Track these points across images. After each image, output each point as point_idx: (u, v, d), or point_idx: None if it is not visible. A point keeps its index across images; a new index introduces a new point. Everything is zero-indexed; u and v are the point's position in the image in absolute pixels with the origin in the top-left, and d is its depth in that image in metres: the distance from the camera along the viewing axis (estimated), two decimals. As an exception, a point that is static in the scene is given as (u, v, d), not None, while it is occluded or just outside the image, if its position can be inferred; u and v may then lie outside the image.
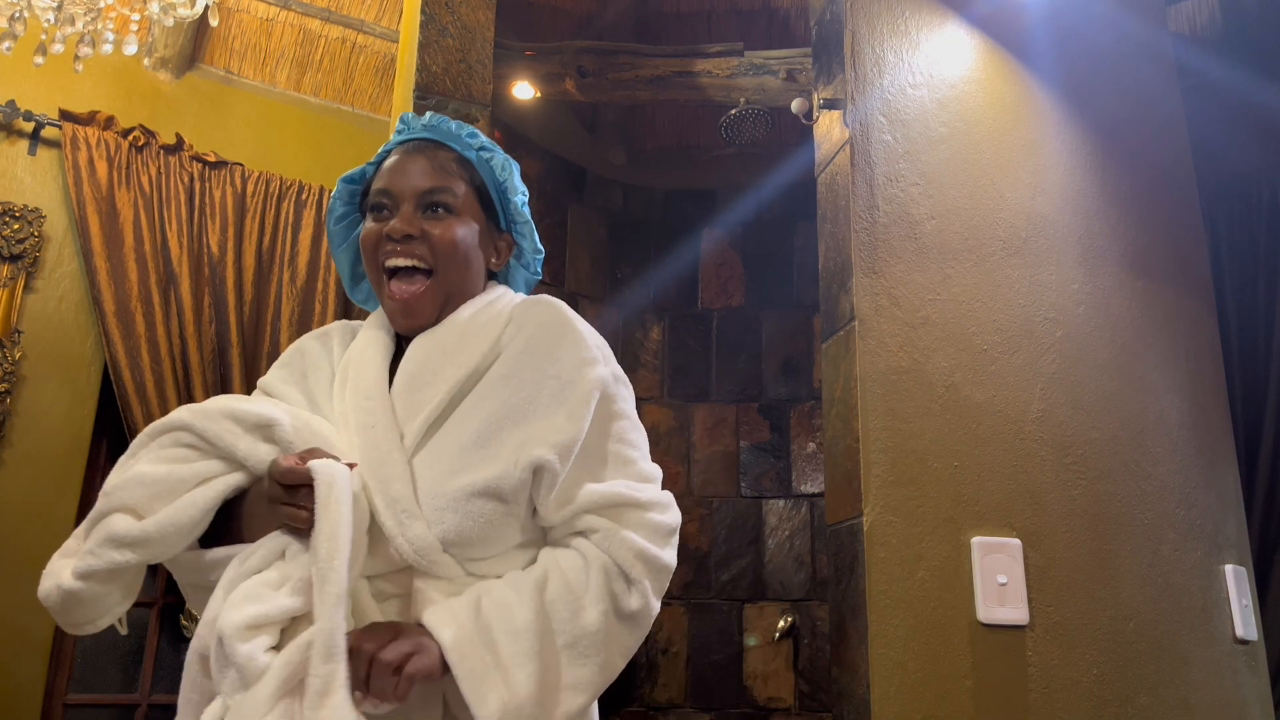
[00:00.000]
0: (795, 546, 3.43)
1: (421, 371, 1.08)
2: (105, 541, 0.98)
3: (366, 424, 1.04)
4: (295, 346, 1.22)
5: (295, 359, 1.20)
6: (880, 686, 1.61)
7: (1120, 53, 2.15)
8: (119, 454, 3.37)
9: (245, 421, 1.02)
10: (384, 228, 1.12)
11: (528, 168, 3.51)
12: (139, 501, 0.99)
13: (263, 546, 0.98)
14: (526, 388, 1.06)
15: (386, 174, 1.15)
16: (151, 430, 1.05)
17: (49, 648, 2.93)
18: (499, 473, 1.00)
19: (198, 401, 3.36)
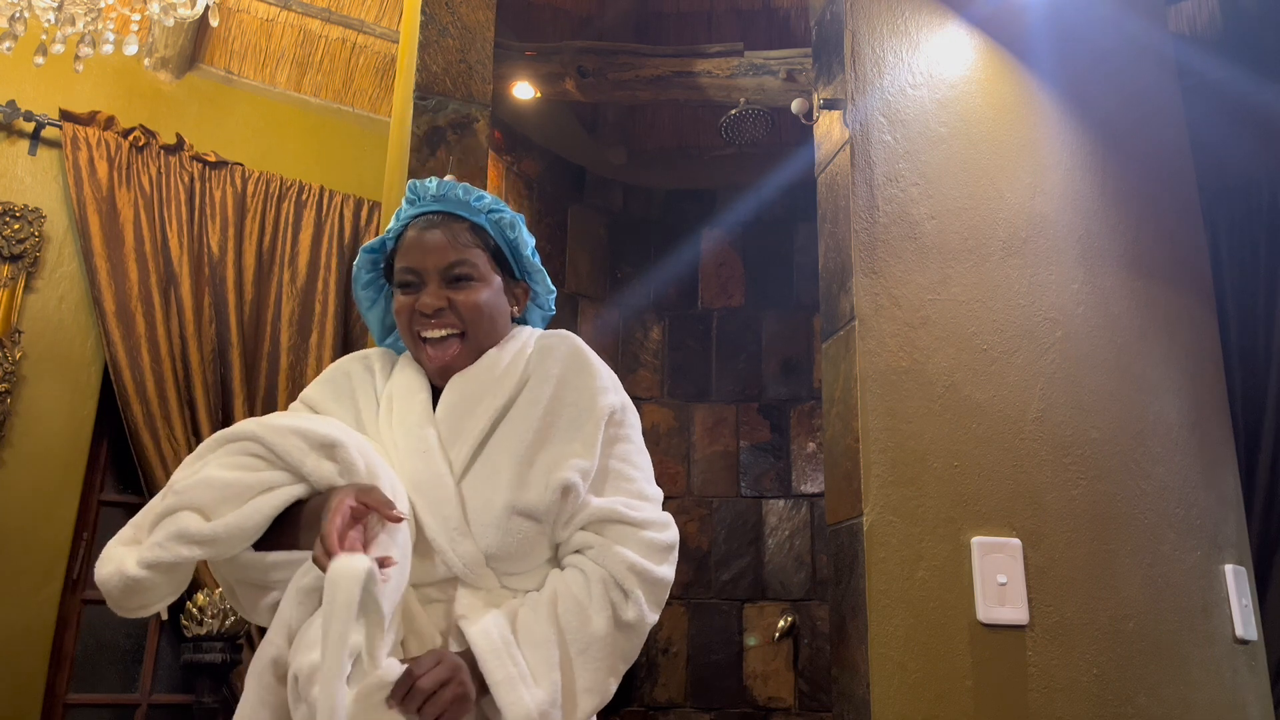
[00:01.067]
0: (795, 546, 3.43)
1: (462, 403, 1.20)
2: (175, 537, 1.05)
3: (418, 450, 1.16)
4: (340, 368, 1.32)
5: (342, 380, 1.29)
6: (880, 686, 1.61)
7: (1120, 53, 2.15)
8: (119, 454, 3.37)
9: (312, 439, 1.10)
10: (414, 302, 1.23)
11: (528, 168, 3.51)
12: (207, 503, 1.06)
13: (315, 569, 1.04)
14: (549, 414, 1.19)
15: (408, 251, 1.25)
16: (220, 437, 1.13)
17: (49, 648, 2.93)
18: (535, 495, 1.13)
19: (198, 401, 3.34)
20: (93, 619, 3.14)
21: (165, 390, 3.12)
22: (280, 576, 1.09)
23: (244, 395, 3.25)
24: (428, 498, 1.12)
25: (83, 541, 3.11)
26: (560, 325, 1.37)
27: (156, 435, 3.08)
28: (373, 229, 3.58)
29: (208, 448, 1.13)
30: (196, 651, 2.77)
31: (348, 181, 3.65)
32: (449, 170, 2.42)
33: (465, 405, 1.20)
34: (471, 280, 1.24)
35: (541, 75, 3.16)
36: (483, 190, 1.30)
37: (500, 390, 1.21)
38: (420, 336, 1.23)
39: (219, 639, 2.78)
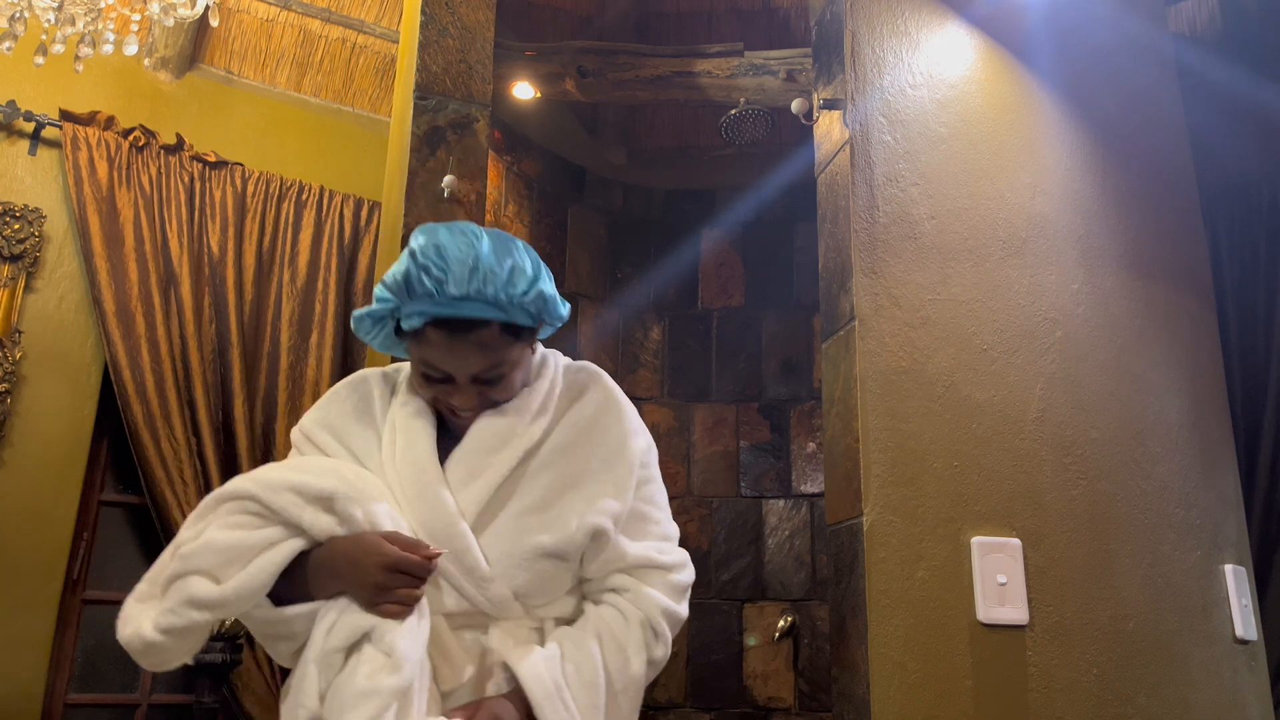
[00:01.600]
0: (795, 546, 3.43)
1: (492, 439, 1.18)
2: (186, 603, 1.08)
3: (422, 495, 1.14)
4: (336, 395, 1.27)
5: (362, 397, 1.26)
6: (880, 686, 1.61)
7: (1120, 53, 2.15)
8: (119, 454, 3.36)
9: (307, 494, 1.11)
10: (445, 395, 1.17)
11: (528, 168, 3.51)
12: (214, 566, 1.09)
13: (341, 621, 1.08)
14: (579, 459, 1.20)
15: (434, 353, 1.14)
16: (218, 496, 1.14)
17: (49, 648, 2.93)
18: (564, 538, 1.14)
19: (198, 401, 3.35)
20: (93, 619, 3.14)
21: (165, 390, 3.12)
22: (301, 628, 1.11)
23: (244, 395, 3.25)
24: (441, 541, 1.12)
25: (83, 541, 3.11)
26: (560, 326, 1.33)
27: (156, 435, 3.08)
28: (373, 229, 3.58)
29: (207, 507, 1.14)
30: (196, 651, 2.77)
31: (348, 181, 3.65)
32: (449, 170, 2.42)
33: (493, 443, 1.17)
34: (504, 375, 1.17)
35: (541, 75, 3.16)
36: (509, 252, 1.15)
37: (530, 433, 1.19)
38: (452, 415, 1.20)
39: (219, 639, 2.79)
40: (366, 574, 1.06)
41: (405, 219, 2.37)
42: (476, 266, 1.10)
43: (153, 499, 3.05)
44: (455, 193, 2.41)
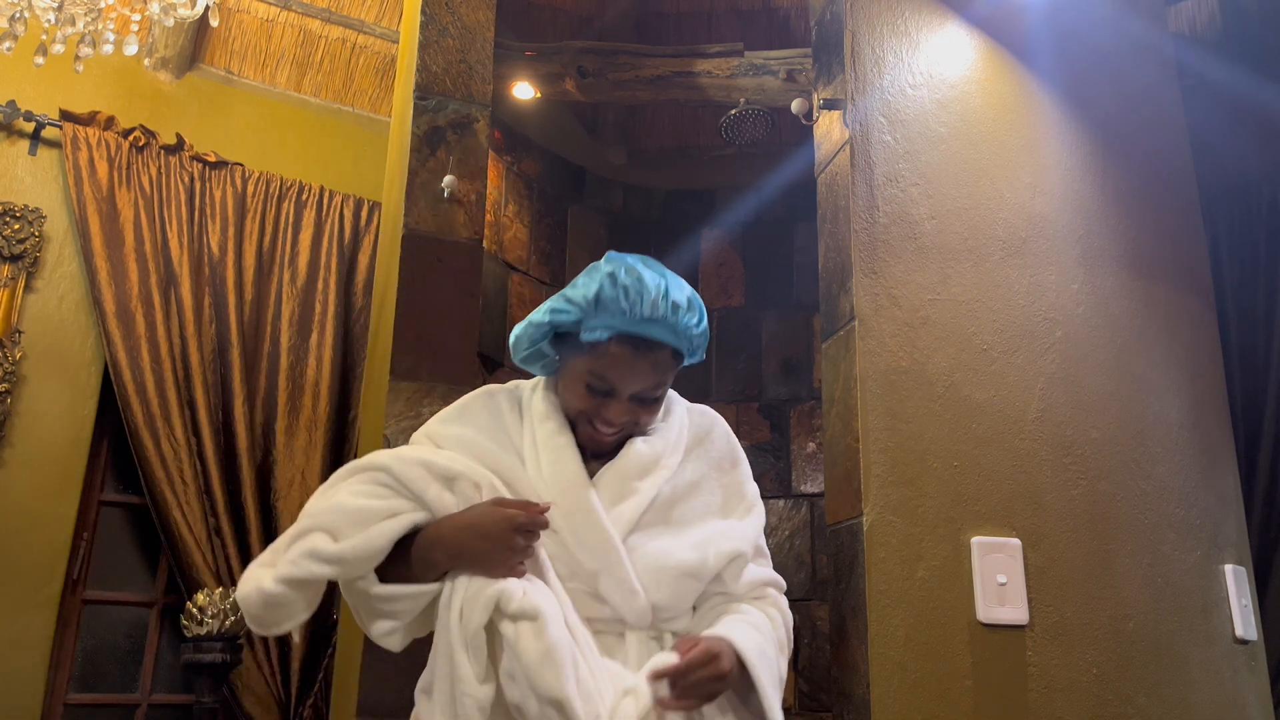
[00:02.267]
0: (795, 546, 3.43)
1: (634, 470, 1.27)
2: (307, 555, 1.13)
3: (576, 509, 1.22)
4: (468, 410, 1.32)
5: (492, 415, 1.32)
6: (880, 686, 1.61)
7: (1120, 53, 2.15)
8: (119, 454, 3.37)
9: (435, 470, 1.18)
10: (602, 408, 1.25)
11: (528, 168, 3.51)
12: (337, 525, 1.15)
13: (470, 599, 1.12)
14: (709, 492, 1.33)
15: (610, 367, 1.23)
16: (353, 467, 1.22)
17: (49, 648, 2.93)
18: (700, 560, 1.24)
19: (198, 401, 3.34)
20: (93, 619, 3.14)
21: (165, 390, 3.12)
22: (405, 608, 1.16)
23: (244, 395, 3.25)
24: (596, 559, 1.20)
25: (83, 541, 3.11)
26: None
27: (157, 435, 3.08)
28: (373, 229, 3.58)
29: (340, 476, 1.21)
30: (196, 651, 2.77)
31: (348, 181, 3.65)
32: (449, 170, 2.42)
33: (641, 468, 1.27)
34: (658, 399, 1.29)
35: (541, 75, 3.16)
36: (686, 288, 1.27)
37: (670, 463, 1.30)
38: (593, 429, 1.27)
39: (219, 639, 2.78)
40: (498, 539, 1.12)
41: (405, 219, 2.37)
42: (667, 294, 1.22)
43: (153, 499, 3.05)
44: (455, 193, 2.41)
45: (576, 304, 1.24)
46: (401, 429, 2.24)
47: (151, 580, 3.27)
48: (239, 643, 2.86)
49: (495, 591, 1.10)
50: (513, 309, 3.32)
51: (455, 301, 2.36)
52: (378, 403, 2.37)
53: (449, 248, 2.39)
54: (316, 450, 3.31)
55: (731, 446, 1.39)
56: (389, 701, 2.07)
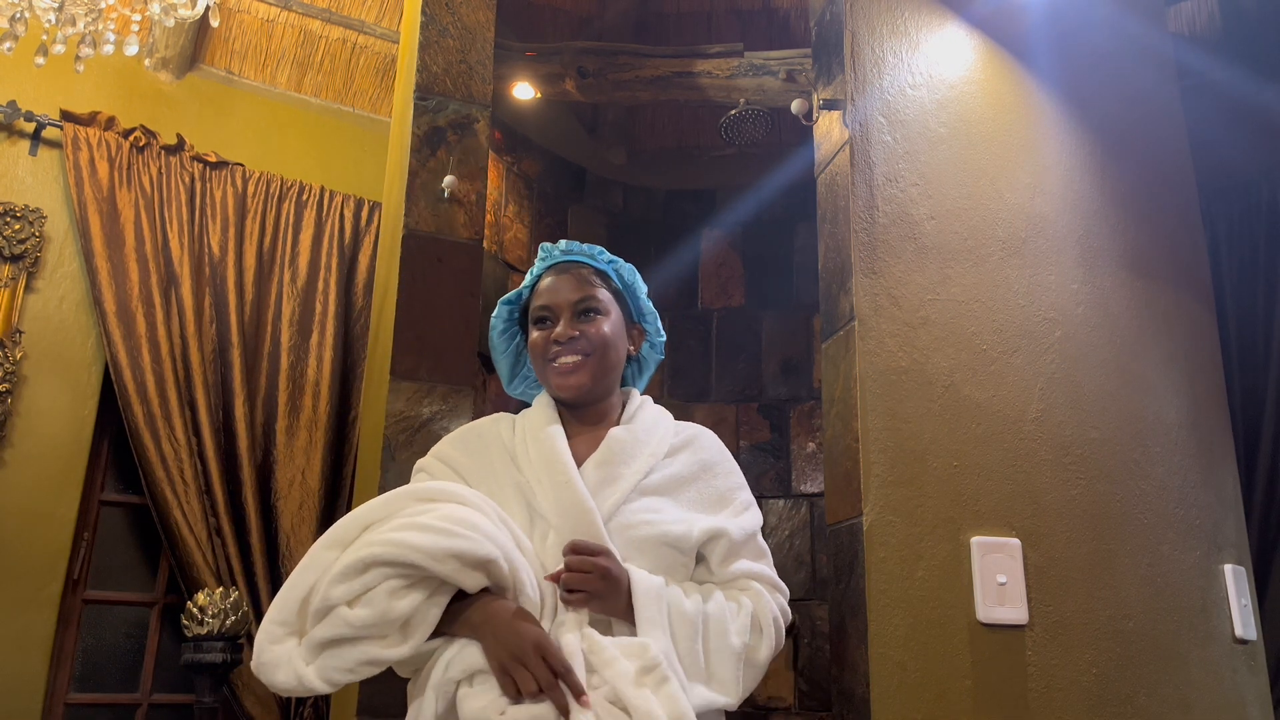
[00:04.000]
0: (795, 546, 3.43)
1: (619, 452, 1.37)
2: (366, 663, 1.16)
3: (563, 482, 1.31)
4: (474, 431, 1.46)
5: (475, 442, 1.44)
6: (880, 686, 1.62)
7: (1120, 53, 2.15)
8: (119, 454, 3.37)
9: (468, 560, 1.19)
10: (550, 334, 1.42)
11: (528, 168, 3.52)
12: (390, 633, 1.17)
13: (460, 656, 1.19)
14: (698, 486, 1.40)
15: (544, 294, 1.45)
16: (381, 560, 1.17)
17: (49, 647, 2.93)
18: (685, 531, 1.32)
19: (198, 401, 3.33)
20: (93, 619, 3.14)
21: (166, 390, 3.12)
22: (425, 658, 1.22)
23: (244, 395, 3.25)
24: (576, 530, 1.27)
25: (83, 541, 3.12)
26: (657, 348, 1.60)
27: (157, 435, 3.08)
28: (373, 229, 3.59)
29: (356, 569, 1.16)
30: (197, 651, 2.77)
31: (348, 182, 3.66)
32: (449, 170, 2.42)
33: (623, 454, 1.37)
34: (597, 314, 1.43)
35: (541, 75, 3.16)
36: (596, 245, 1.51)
37: (653, 452, 1.40)
38: (552, 363, 1.41)
39: (219, 639, 2.79)
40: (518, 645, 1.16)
41: (405, 219, 2.37)
42: (577, 244, 1.50)
43: (153, 499, 3.05)
44: (455, 193, 2.41)
45: (517, 295, 1.52)
46: (401, 429, 2.24)
47: (152, 580, 3.27)
48: (239, 643, 2.86)
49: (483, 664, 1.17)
50: (513, 309, 3.32)
51: (455, 301, 2.36)
52: (378, 403, 2.38)
53: (449, 248, 2.39)
54: (317, 450, 3.31)
55: (724, 454, 1.48)
56: (389, 702, 2.07)
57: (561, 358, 1.41)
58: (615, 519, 1.31)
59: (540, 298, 1.46)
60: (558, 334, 1.41)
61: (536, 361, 1.45)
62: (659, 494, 1.36)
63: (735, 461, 1.49)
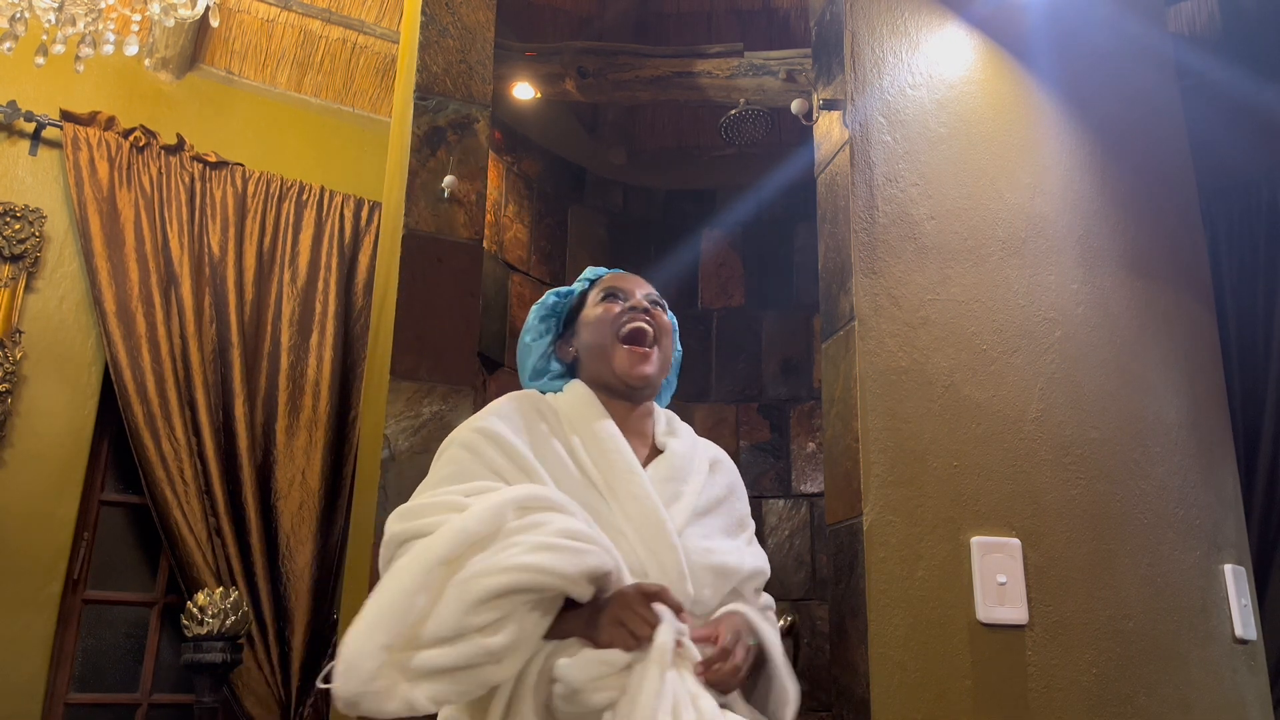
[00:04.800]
0: (795, 546, 3.43)
1: (679, 471, 1.39)
2: (482, 685, 1.12)
3: (633, 495, 1.30)
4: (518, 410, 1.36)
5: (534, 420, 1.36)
6: (880, 686, 1.62)
7: (1120, 53, 2.15)
8: (119, 454, 3.37)
9: (596, 576, 1.18)
10: (624, 304, 1.43)
11: (528, 168, 3.52)
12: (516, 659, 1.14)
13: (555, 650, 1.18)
14: (729, 516, 1.44)
15: (614, 280, 1.50)
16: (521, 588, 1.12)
17: (49, 647, 2.94)
18: (739, 561, 1.36)
19: (198, 401, 3.32)
20: (93, 619, 3.14)
21: (166, 390, 3.12)
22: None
23: (244, 395, 3.25)
24: (648, 546, 1.27)
25: (83, 541, 3.12)
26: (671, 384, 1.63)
27: (157, 435, 3.08)
28: (373, 229, 3.59)
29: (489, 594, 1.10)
30: (197, 651, 2.78)
31: (348, 182, 3.66)
32: (449, 170, 2.42)
33: (680, 474, 1.38)
34: (663, 309, 1.47)
35: (541, 75, 3.16)
36: None
37: (699, 469, 1.42)
38: (624, 334, 1.40)
39: (219, 639, 2.79)
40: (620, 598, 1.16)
41: (405, 219, 2.37)
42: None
43: (153, 499, 3.05)
44: (455, 193, 2.41)
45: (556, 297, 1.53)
46: (401, 429, 2.24)
47: (152, 580, 3.27)
48: (239, 642, 2.86)
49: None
50: (513, 309, 3.32)
51: (455, 301, 2.36)
52: (378, 402, 2.37)
53: (449, 248, 2.39)
54: (317, 450, 3.31)
55: (738, 477, 1.52)
56: (389, 701, 2.07)
57: (638, 322, 1.40)
58: (684, 539, 1.31)
59: (608, 282, 1.48)
60: (636, 301, 1.43)
61: (600, 337, 1.42)
62: (707, 514, 1.37)
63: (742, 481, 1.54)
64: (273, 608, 3.13)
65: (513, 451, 1.27)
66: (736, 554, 1.36)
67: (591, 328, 1.44)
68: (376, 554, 2.19)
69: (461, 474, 1.26)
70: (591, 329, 1.43)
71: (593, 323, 1.44)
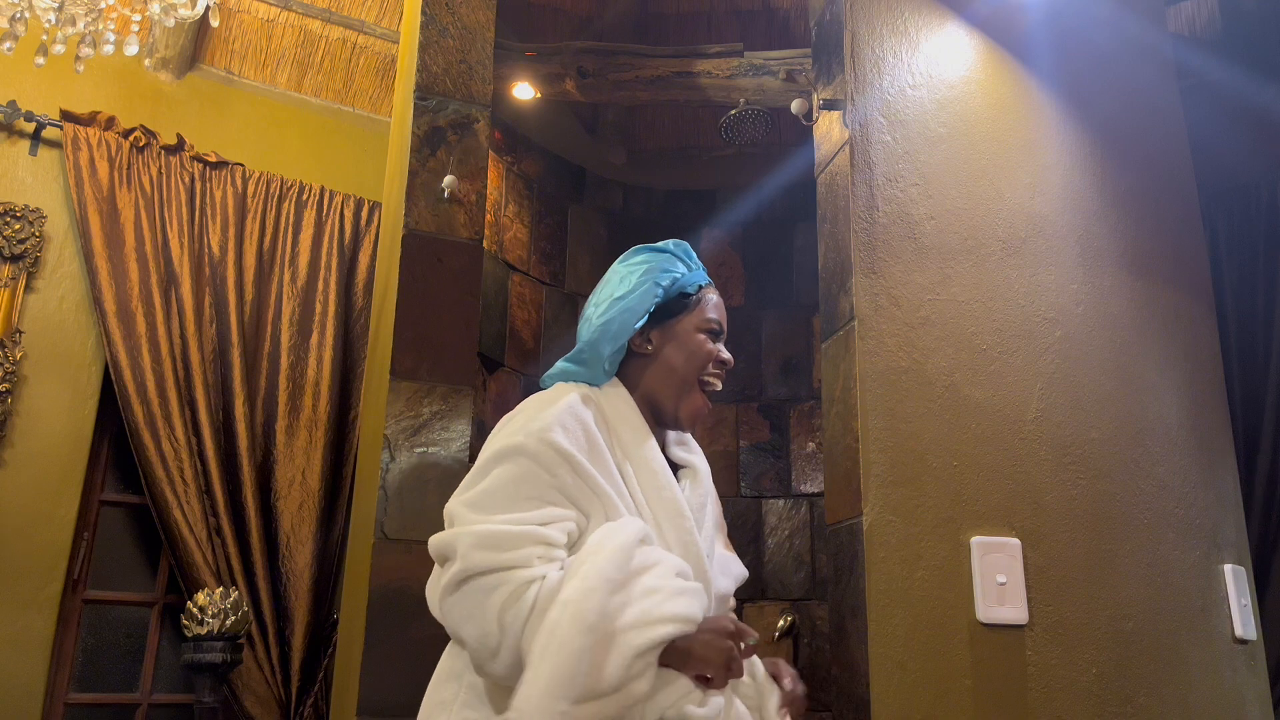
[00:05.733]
0: (795, 546, 3.43)
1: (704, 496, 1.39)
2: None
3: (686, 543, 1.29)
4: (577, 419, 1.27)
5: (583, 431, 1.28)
6: (880, 686, 1.62)
7: (1120, 53, 2.15)
8: (119, 454, 3.37)
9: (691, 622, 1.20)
10: (719, 352, 1.41)
11: (528, 168, 3.52)
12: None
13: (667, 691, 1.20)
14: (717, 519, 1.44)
15: (717, 309, 1.43)
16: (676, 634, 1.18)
17: (49, 647, 2.93)
18: (741, 573, 1.41)
19: (198, 401, 3.33)
20: (93, 619, 3.14)
21: (166, 390, 3.12)
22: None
23: (244, 395, 3.25)
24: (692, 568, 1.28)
25: (83, 541, 3.12)
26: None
27: (157, 435, 3.08)
28: (373, 229, 3.59)
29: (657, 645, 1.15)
30: (197, 651, 2.78)
31: (348, 182, 3.66)
32: (449, 170, 2.42)
33: (702, 500, 1.38)
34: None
35: (541, 75, 3.16)
36: None
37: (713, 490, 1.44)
38: (706, 384, 1.39)
39: (219, 639, 2.79)
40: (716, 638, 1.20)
41: (405, 219, 2.37)
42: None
43: (153, 498, 3.05)
44: (455, 193, 2.41)
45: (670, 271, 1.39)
46: (401, 429, 2.24)
47: (152, 580, 3.27)
48: (239, 642, 2.86)
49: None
50: (513, 309, 3.32)
51: (455, 301, 2.36)
52: (378, 402, 2.38)
53: (449, 248, 2.39)
54: (317, 450, 3.31)
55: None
56: (389, 701, 2.07)
57: (719, 381, 1.40)
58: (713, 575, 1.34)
59: (714, 311, 1.42)
60: (727, 357, 1.41)
61: (688, 369, 1.37)
62: (714, 527, 1.41)
63: None
64: (273, 608, 3.13)
65: (584, 473, 1.23)
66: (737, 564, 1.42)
67: (685, 351, 1.38)
68: (376, 554, 2.20)
69: (533, 491, 1.21)
70: (684, 352, 1.37)
71: (690, 348, 1.38)
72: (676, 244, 1.43)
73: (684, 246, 1.44)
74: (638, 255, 1.43)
